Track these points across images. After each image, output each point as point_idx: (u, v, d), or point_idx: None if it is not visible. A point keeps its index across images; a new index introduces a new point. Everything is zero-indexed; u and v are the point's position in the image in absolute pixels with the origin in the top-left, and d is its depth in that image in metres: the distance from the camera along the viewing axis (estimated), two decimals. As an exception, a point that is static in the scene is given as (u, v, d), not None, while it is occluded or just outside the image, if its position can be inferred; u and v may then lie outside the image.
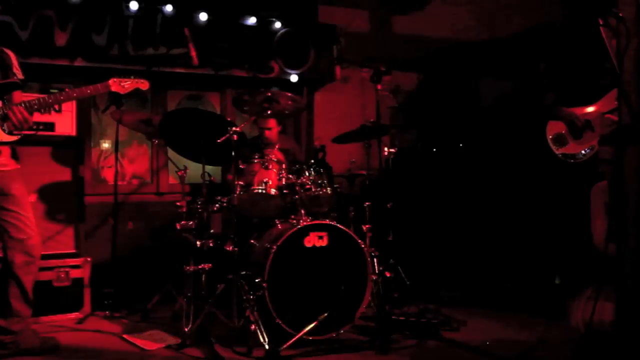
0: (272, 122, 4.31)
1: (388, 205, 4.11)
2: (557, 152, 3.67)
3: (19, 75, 3.09)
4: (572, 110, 3.56)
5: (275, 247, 3.16)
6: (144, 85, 3.33)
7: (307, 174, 3.59)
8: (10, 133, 2.96)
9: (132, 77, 3.29)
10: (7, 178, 3.00)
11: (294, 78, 5.26)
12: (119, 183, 4.12)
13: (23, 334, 3.04)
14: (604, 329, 2.53)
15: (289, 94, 3.58)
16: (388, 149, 4.09)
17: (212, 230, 3.79)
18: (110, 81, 3.20)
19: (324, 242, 3.31)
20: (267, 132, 4.34)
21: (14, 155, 3.07)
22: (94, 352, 3.20)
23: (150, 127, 3.93)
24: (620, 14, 2.07)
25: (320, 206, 3.71)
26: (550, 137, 3.72)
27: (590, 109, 3.49)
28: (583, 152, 3.51)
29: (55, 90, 3.99)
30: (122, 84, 3.23)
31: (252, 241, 3.68)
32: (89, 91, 3.13)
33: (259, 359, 2.97)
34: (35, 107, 2.98)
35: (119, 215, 4.20)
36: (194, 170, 3.99)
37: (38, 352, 3.06)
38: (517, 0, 6.23)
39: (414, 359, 3.04)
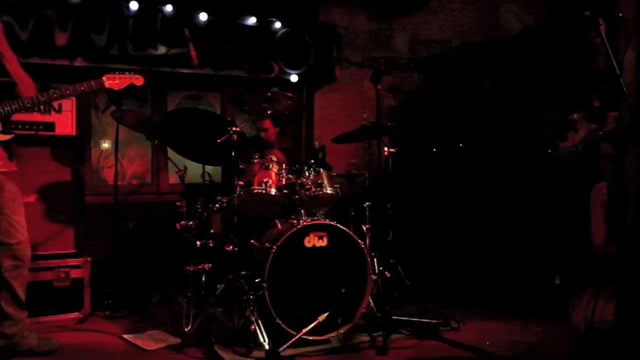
0: (267, 123, 4.32)
1: (388, 205, 4.11)
2: (550, 154, 3.76)
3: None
4: (559, 116, 3.64)
5: (275, 247, 3.16)
6: (138, 80, 3.31)
7: (307, 174, 3.59)
8: (4, 132, 2.95)
9: (127, 72, 3.27)
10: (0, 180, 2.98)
11: (294, 78, 5.26)
12: (119, 183, 4.12)
13: (19, 336, 3.01)
14: (605, 328, 2.53)
15: (289, 94, 3.58)
16: (388, 149, 4.08)
17: (212, 230, 3.79)
18: (104, 77, 3.19)
19: (324, 242, 3.31)
20: (262, 133, 4.35)
21: (10, 157, 3.04)
22: (94, 352, 3.20)
23: (150, 127, 3.92)
24: (620, 14, 2.07)
25: (320, 206, 3.70)
26: (544, 138, 3.80)
27: (574, 114, 3.58)
28: (567, 153, 3.60)
29: (55, 90, 4.01)
30: (116, 80, 3.22)
31: (252, 241, 3.68)
32: (82, 88, 3.12)
33: (259, 359, 2.97)
34: (29, 105, 2.96)
35: (119, 215, 4.20)
36: (194, 170, 3.99)
37: (36, 353, 3.05)
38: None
39: (414, 359, 3.05)
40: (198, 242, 3.54)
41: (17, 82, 3.00)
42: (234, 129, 3.38)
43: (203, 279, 3.46)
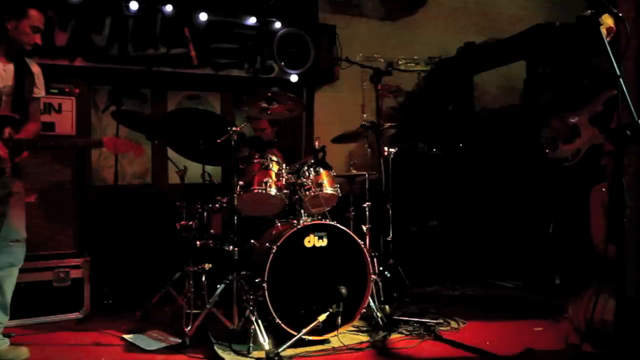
0: (264, 123, 4.31)
1: (388, 205, 4.11)
2: (548, 155, 3.74)
3: (40, 92, 3.19)
4: (561, 117, 3.63)
5: (275, 247, 3.16)
6: (138, 151, 3.37)
7: (307, 174, 3.59)
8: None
9: (131, 141, 3.35)
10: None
11: (294, 78, 5.26)
12: (119, 183, 4.12)
13: None
14: (605, 328, 2.53)
15: (289, 94, 3.58)
16: (388, 149, 4.08)
17: (212, 230, 3.79)
18: (105, 139, 3.26)
19: (323, 242, 3.31)
20: (257, 133, 4.35)
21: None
22: (94, 352, 3.20)
23: (150, 127, 3.92)
24: (620, 14, 2.07)
25: (320, 206, 3.70)
26: (544, 139, 3.78)
27: (576, 116, 3.57)
28: (570, 156, 3.58)
29: (56, 91, 4.00)
30: (116, 144, 3.29)
31: (252, 241, 3.68)
32: (80, 144, 3.41)
33: (259, 359, 2.97)
34: (24, 147, 2.97)
35: (119, 215, 4.19)
36: (194, 170, 3.98)
37: None
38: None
39: (414, 359, 3.04)
40: (198, 242, 3.54)
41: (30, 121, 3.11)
42: (234, 129, 3.38)
43: (203, 279, 3.46)
